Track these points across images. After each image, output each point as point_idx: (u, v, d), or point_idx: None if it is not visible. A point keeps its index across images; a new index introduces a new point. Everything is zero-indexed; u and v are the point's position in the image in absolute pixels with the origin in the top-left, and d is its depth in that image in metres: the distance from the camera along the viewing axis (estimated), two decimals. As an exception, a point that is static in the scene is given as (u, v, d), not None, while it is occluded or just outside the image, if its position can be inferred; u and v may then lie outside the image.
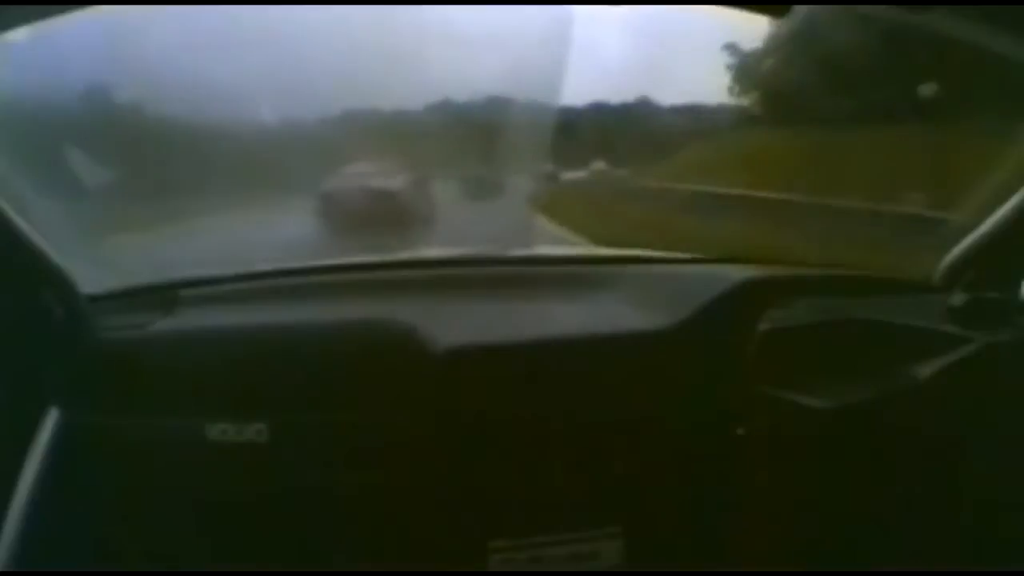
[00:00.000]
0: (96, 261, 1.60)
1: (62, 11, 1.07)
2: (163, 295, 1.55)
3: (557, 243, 1.88)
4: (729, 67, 2.91)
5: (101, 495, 1.44)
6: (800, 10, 1.10)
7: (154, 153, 1.65)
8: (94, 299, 1.50)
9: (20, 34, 1.13)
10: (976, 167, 1.74)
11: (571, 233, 2.25)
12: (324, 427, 1.44)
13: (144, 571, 1.48)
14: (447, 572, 1.52)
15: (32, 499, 1.36)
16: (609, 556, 1.54)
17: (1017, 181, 1.50)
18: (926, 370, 1.52)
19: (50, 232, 1.40)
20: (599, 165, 3.57)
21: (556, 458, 1.52)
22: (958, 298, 1.58)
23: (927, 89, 1.70)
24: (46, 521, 1.36)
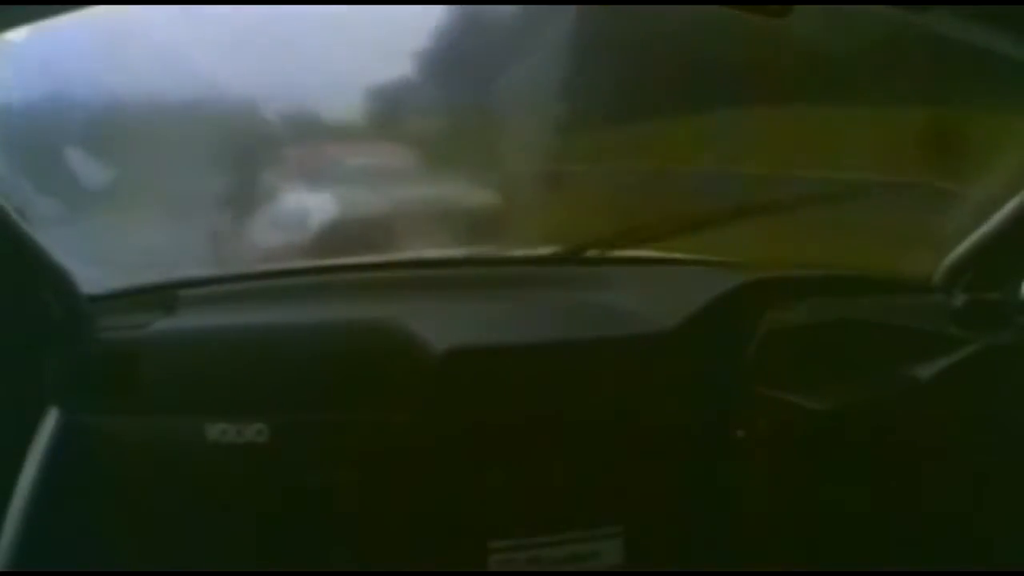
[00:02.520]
0: (96, 261, 1.60)
1: (62, 11, 1.07)
2: (163, 295, 1.55)
3: (556, 243, 1.87)
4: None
5: (101, 495, 1.44)
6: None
7: (155, 152, 1.65)
8: (94, 299, 1.50)
9: (20, 34, 1.13)
10: (977, 166, 1.74)
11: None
12: (324, 427, 1.44)
13: (144, 571, 1.48)
14: (447, 572, 1.52)
15: (32, 499, 1.36)
16: (609, 556, 1.54)
17: (1017, 181, 1.50)
18: (926, 371, 1.52)
19: (50, 232, 1.40)
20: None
21: (556, 458, 1.52)
22: (958, 299, 1.58)
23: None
24: (46, 521, 1.36)
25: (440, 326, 1.49)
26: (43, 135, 1.59)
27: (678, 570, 1.54)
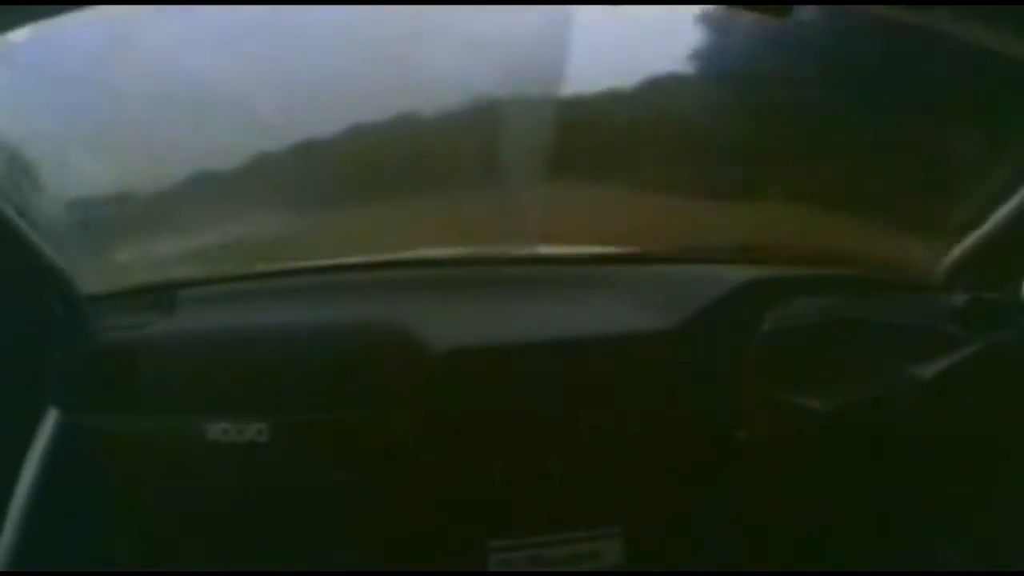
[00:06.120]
0: (96, 261, 1.60)
1: (62, 11, 1.07)
2: (163, 295, 1.55)
3: (557, 243, 1.87)
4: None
5: (101, 495, 1.44)
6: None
7: (156, 153, 1.65)
8: (94, 299, 1.50)
9: (20, 34, 1.13)
10: (976, 167, 1.74)
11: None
12: (324, 427, 1.45)
13: (144, 571, 1.48)
14: (447, 572, 1.52)
15: (32, 499, 1.36)
16: (609, 556, 1.54)
17: (1017, 181, 1.50)
18: (926, 371, 1.52)
19: (50, 232, 1.40)
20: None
21: (556, 458, 1.52)
22: (958, 298, 1.58)
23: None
24: (46, 521, 1.36)
25: (440, 326, 1.49)
26: (43, 135, 1.59)
27: (678, 570, 1.54)
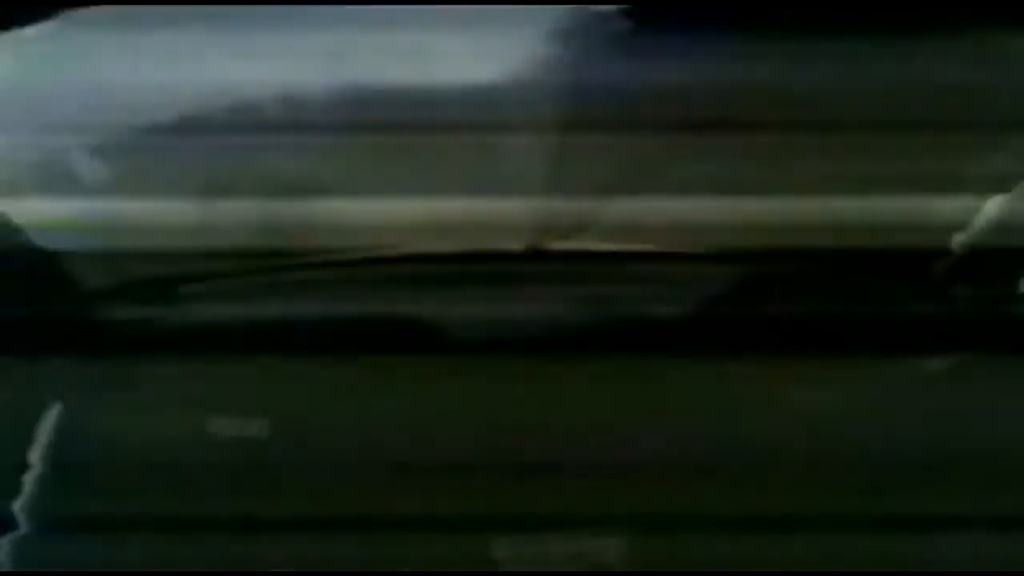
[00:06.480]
0: (96, 260, 1.61)
1: (62, 11, 1.07)
2: (164, 290, 1.56)
3: (554, 239, 1.88)
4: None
5: (101, 494, 1.45)
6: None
7: (156, 152, 1.66)
8: (94, 297, 1.50)
9: (22, 32, 1.13)
10: (975, 165, 1.75)
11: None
12: (326, 424, 1.45)
13: (144, 571, 1.48)
14: (447, 572, 1.52)
15: (32, 499, 1.36)
16: (609, 556, 1.54)
17: (1017, 180, 1.50)
18: (926, 370, 1.52)
19: (50, 231, 1.41)
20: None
21: (556, 458, 1.52)
22: (958, 298, 1.58)
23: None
24: (46, 521, 1.37)
25: (441, 324, 1.49)
26: (44, 134, 1.59)
27: (678, 570, 1.54)
